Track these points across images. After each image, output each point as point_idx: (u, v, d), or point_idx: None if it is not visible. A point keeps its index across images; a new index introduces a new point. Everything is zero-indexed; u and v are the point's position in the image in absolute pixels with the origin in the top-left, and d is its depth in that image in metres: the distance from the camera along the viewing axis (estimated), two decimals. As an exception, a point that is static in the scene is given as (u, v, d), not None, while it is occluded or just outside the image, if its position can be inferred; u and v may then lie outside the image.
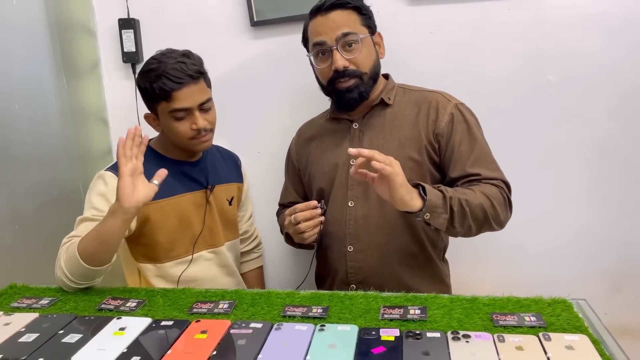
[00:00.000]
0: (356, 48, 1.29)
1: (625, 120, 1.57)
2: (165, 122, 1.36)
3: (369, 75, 1.32)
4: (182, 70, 1.30)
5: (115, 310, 1.05)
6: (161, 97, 1.31)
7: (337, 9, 1.29)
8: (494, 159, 1.31)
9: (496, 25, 1.58)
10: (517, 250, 1.69)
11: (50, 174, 1.64)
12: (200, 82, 1.34)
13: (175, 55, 1.33)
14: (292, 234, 1.30)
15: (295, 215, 1.26)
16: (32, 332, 0.95)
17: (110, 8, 1.81)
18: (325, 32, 1.29)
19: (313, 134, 1.49)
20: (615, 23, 1.51)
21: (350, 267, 1.35)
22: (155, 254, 1.41)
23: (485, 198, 1.19)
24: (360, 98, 1.33)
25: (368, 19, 1.33)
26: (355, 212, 1.35)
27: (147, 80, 1.32)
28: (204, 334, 0.92)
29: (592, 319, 0.93)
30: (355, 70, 1.30)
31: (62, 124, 1.70)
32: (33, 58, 1.60)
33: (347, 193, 1.36)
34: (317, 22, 1.31)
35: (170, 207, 1.39)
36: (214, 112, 1.40)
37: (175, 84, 1.29)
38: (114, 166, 1.36)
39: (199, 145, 1.38)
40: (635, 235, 1.63)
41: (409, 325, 0.92)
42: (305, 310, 0.99)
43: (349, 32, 1.28)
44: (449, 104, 1.33)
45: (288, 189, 1.58)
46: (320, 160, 1.43)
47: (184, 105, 1.31)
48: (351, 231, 1.35)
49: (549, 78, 1.58)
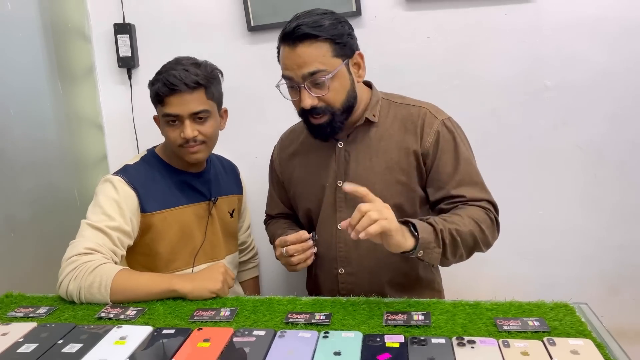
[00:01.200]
0: (325, 86, 1.18)
1: (621, 125, 1.58)
2: (162, 126, 1.37)
3: (341, 110, 1.22)
4: (179, 78, 1.28)
5: (114, 318, 1.04)
6: (156, 100, 1.33)
7: (305, 41, 1.16)
8: (480, 178, 1.26)
9: (493, 30, 1.59)
10: (514, 254, 1.70)
11: (45, 180, 1.62)
12: (198, 92, 1.30)
13: (185, 62, 1.32)
14: (284, 264, 1.27)
15: (287, 248, 1.22)
16: (31, 342, 0.94)
17: (106, 13, 1.80)
18: (292, 68, 1.18)
19: (297, 149, 1.42)
20: (611, 28, 1.53)
21: (342, 289, 1.32)
22: (154, 265, 1.38)
23: (474, 224, 1.15)
24: (332, 133, 1.26)
25: (343, 47, 1.19)
26: (345, 234, 1.26)
27: (152, 83, 1.34)
28: (206, 342, 0.91)
29: (594, 323, 0.94)
30: (326, 107, 1.20)
31: (58, 129, 1.69)
32: (28, 63, 1.58)
33: (336, 215, 1.31)
34: (285, 53, 1.20)
35: (173, 217, 1.38)
36: (212, 126, 1.36)
37: (167, 90, 1.28)
38: (123, 171, 1.35)
39: (187, 155, 1.35)
40: (632, 238, 1.65)
41: (413, 331, 0.92)
42: (307, 317, 0.99)
43: (316, 71, 1.16)
44: (435, 122, 1.27)
45: (274, 199, 1.52)
46: (306, 181, 1.38)
47: (174, 111, 1.30)
48: (342, 254, 1.31)
49: (546, 83, 1.59)
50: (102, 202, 1.28)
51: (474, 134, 1.35)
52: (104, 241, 1.22)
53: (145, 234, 1.35)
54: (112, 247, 1.24)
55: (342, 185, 1.16)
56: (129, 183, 1.32)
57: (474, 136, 1.35)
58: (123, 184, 1.31)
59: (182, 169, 1.42)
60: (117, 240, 1.25)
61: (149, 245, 1.37)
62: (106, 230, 1.23)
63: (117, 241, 1.25)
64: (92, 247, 1.19)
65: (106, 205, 1.27)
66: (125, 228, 1.27)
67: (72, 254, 1.17)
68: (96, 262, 1.15)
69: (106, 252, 1.21)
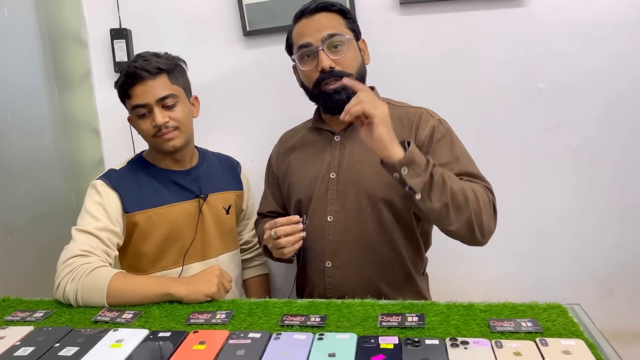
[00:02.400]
0: (342, 49, 1.28)
1: (613, 127, 1.60)
2: (134, 122, 1.38)
3: (355, 77, 1.28)
4: (141, 68, 1.30)
5: (111, 322, 1.04)
6: (123, 95, 1.34)
7: (322, 12, 1.29)
8: (477, 170, 1.27)
9: (486, 34, 1.60)
10: (509, 256, 1.71)
11: (42, 185, 1.62)
12: (160, 77, 1.32)
13: (146, 54, 1.35)
14: (271, 248, 1.26)
15: (276, 229, 1.22)
16: (27, 346, 0.94)
17: (102, 18, 1.81)
18: (311, 33, 1.27)
19: (294, 143, 1.46)
20: (603, 31, 1.55)
21: (329, 283, 1.33)
22: (140, 265, 1.40)
23: (471, 190, 1.14)
24: (348, 99, 1.24)
25: (352, 23, 1.33)
26: (335, 227, 1.31)
27: (116, 81, 1.36)
28: (202, 345, 0.91)
29: (586, 324, 0.95)
30: (342, 71, 1.26)
31: (54, 134, 1.69)
32: (25, 69, 1.59)
33: (327, 207, 1.32)
34: (302, 24, 1.31)
35: (159, 217, 1.38)
36: (183, 110, 1.36)
37: (130, 80, 1.30)
38: (105, 175, 1.37)
39: (163, 143, 1.35)
40: (626, 239, 1.66)
41: (407, 332, 0.93)
42: (303, 319, 0.99)
43: (334, 33, 1.26)
44: (431, 119, 1.30)
45: (267, 197, 1.54)
46: (300, 171, 1.40)
47: (142, 101, 1.31)
48: (330, 247, 1.31)
49: (539, 86, 1.60)
50: (88, 207, 1.31)
51: (467, 137, 1.36)
52: (96, 243, 1.24)
53: (131, 234, 1.37)
54: (105, 248, 1.26)
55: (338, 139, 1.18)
56: (110, 185, 1.34)
57: (467, 140, 1.35)
58: (105, 186, 1.33)
59: (168, 168, 1.43)
60: (108, 240, 1.27)
61: (135, 245, 1.38)
62: (95, 232, 1.25)
63: (107, 242, 1.27)
64: (87, 249, 1.20)
65: (92, 209, 1.30)
66: (113, 228, 1.30)
67: (68, 256, 1.18)
68: (93, 265, 1.16)
69: (100, 254, 1.22)
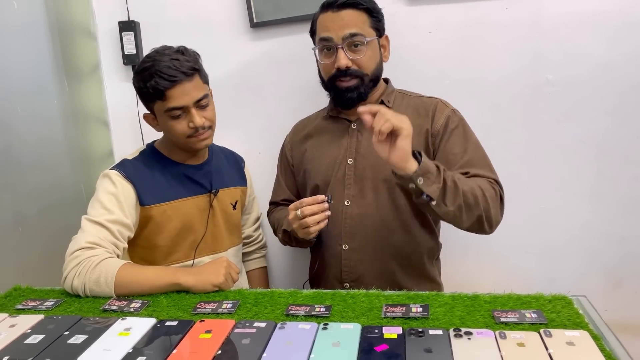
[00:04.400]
0: (361, 50, 1.30)
1: (623, 118, 1.58)
2: (163, 121, 1.34)
3: (370, 77, 1.33)
4: (175, 68, 1.26)
5: (119, 311, 1.06)
6: (156, 96, 1.29)
7: (348, 8, 1.30)
8: (488, 161, 1.30)
9: (494, 24, 1.59)
10: (517, 248, 1.70)
11: (52, 177, 1.64)
12: (195, 78, 1.30)
13: (169, 52, 1.30)
14: (297, 228, 1.26)
15: (303, 209, 1.22)
16: (37, 334, 0.96)
17: (111, 10, 1.82)
18: (334, 29, 1.29)
19: (310, 131, 1.49)
20: (613, 22, 1.52)
21: (345, 266, 1.36)
22: (153, 257, 1.40)
23: (477, 187, 1.19)
24: (358, 99, 1.33)
25: (378, 22, 1.34)
26: (352, 211, 1.35)
27: (142, 80, 1.29)
28: (208, 334, 0.92)
29: (592, 315, 0.94)
30: (357, 70, 1.31)
31: (64, 126, 1.71)
32: (34, 61, 1.61)
33: (344, 192, 1.36)
34: (327, 17, 1.32)
35: (173, 210, 1.39)
36: (213, 109, 1.37)
37: (168, 82, 1.26)
38: (120, 165, 1.36)
39: (197, 143, 1.35)
40: (634, 231, 1.64)
41: (412, 323, 0.93)
42: (308, 309, 1.00)
43: (356, 33, 1.28)
44: (446, 109, 1.35)
45: (281, 185, 1.56)
46: (317, 158, 1.43)
47: (180, 103, 1.29)
48: (347, 230, 1.35)
49: (547, 77, 1.59)
50: (101, 197, 1.29)
51: (475, 128, 1.37)
52: (104, 235, 1.24)
53: (144, 227, 1.37)
54: (113, 240, 1.26)
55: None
56: (126, 177, 1.33)
57: (475, 130, 1.36)
58: (120, 177, 1.32)
59: (181, 162, 1.43)
60: (118, 233, 1.27)
61: (148, 238, 1.38)
62: (106, 224, 1.25)
63: (117, 234, 1.27)
64: (94, 241, 1.21)
65: (104, 199, 1.29)
66: (124, 220, 1.29)
67: (75, 248, 1.18)
68: (99, 257, 1.16)
69: (108, 245, 1.23)
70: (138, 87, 1.33)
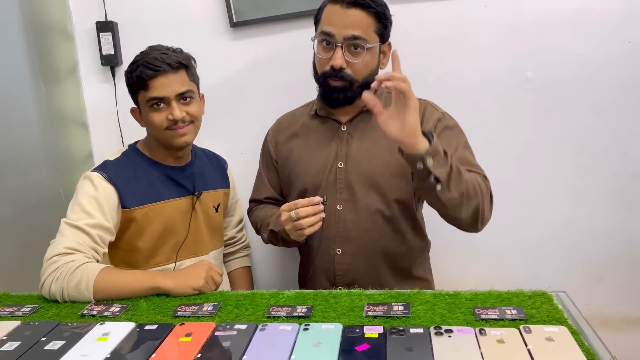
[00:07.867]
0: (360, 53, 1.27)
1: (602, 115, 1.60)
2: (145, 112, 1.35)
3: (360, 84, 1.29)
4: (161, 60, 1.29)
5: (98, 315, 1.04)
6: (139, 85, 1.31)
7: (358, 8, 1.25)
8: (477, 162, 1.31)
9: (474, 22, 1.60)
10: (500, 245, 1.71)
11: (30, 180, 1.61)
12: (180, 72, 1.32)
13: (161, 48, 1.34)
14: (290, 230, 1.24)
15: (297, 210, 1.20)
16: (14, 340, 0.94)
17: (88, 11, 1.78)
18: (338, 25, 1.25)
19: (297, 130, 1.46)
20: (592, 19, 1.54)
21: (338, 270, 1.35)
22: (134, 260, 1.38)
23: (475, 179, 1.19)
24: (344, 101, 1.32)
25: (384, 28, 1.30)
26: (344, 215, 1.34)
27: (129, 71, 1.33)
28: (188, 337, 0.91)
29: (571, 311, 0.95)
30: (349, 75, 1.28)
31: (41, 128, 1.68)
32: (10, 63, 1.57)
33: (336, 196, 1.35)
34: (334, 10, 1.26)
35: (155, 213, 1.37)
36: (197, 106, 1.37)
37: (151, 72, 1.28)
38: (101, 167, 1.34)
39: (176, 138, 1.34)
40: (615, 227, 1.66)
41: (393, 321, 0.93)
42: (289, 310, 1.00)
43: (359, 36, 1.24)
44: (436, 112, 1.34)
45: (263, 182, 1.53)
46: (305, 161, 1.41)
47: (161, 94, 1.30)
48: (340, 234, 1.34)
49: (527, 74, 1.60)
50: (81, 200, 1.27)
51: (455, 126, 1.37)
52: (84, 240, 1.22)
53: (125, 229, 1.35)
54: (93, 245, 1.24)
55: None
56: (108, 179, 1.31)
57: (455, 128, 1.36)
58: (102, 180, 1.30)
59: (164, 163, 1.41)
60: (98, 237, 1.25)
61: (129, 241, 1.36)
62: (86, 228, 1.23)
63: (97, 239, 1.25)
64: (73, 246, 1.19)
65: (85, 202, 1.27)
66: (105, 224, 1.27)
67: (53, 253, 1.16)
68: (77, 262, 1.15)
69: (87, 251, 1.21)
70: (126, 80, 1.35)
